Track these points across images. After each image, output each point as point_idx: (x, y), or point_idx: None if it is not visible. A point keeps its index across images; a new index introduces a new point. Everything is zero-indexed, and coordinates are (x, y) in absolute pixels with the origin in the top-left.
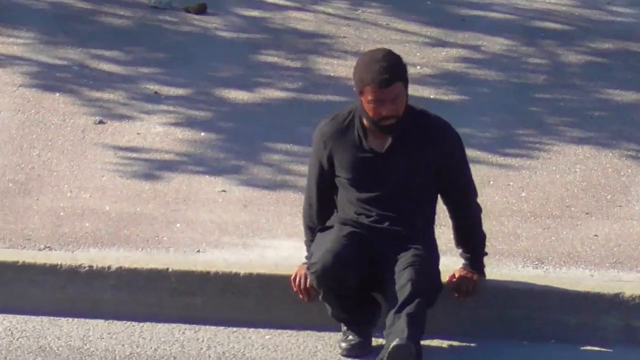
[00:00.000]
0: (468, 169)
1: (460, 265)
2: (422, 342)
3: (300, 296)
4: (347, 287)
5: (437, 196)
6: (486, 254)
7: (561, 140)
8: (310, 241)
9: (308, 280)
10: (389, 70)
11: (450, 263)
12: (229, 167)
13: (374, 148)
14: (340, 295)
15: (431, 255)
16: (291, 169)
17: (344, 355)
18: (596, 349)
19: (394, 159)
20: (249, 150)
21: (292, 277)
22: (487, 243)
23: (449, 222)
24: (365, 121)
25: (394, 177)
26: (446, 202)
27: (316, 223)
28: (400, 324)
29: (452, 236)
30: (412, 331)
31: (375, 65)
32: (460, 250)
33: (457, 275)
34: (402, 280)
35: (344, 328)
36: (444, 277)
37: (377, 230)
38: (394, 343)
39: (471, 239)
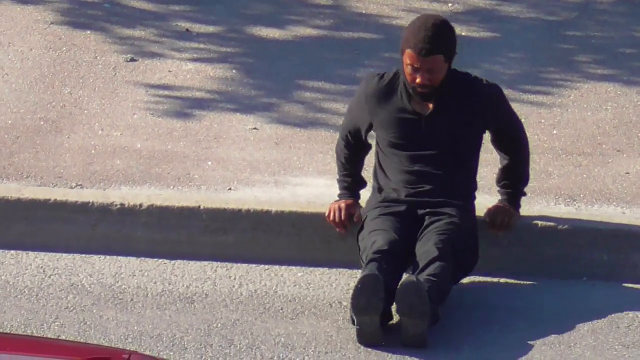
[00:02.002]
0: (515, 118)
1: (497, 201)
2: None
3: (337, 229)
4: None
5: (479, 157)
6: (525, 194)
7: (592, 78)
8: (343, 176)
9: (343, 212)
10: (433, 41)
11: (484, 201)
12: (261, 105)
13: (418, 110)
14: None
15: (467, 222)
16: (323, 107)
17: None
18: (628, 285)
19: (438, 122)
20: (280, 87)
21: (326, 215)
22: None
23: (486, 161)
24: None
25: (437, 139)
26: (498, 149)
27: (349, 162)
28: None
29: (486, 173)
30: (429, 285)
31: (422, 32)
32: (499, 187)
33: (493, 207)
34: (428, 245)
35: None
36: (480, 212)
37: (417, 203)
38: (404, 280)
39: (515, 179)
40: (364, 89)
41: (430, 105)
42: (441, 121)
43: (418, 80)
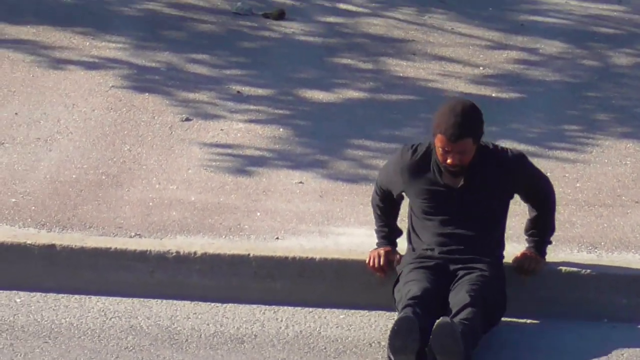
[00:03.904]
0: (542, 178)
1: (525, 248)
2: None
3: (378, 274)
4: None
5: (506, 218)
6: (551, 242)
7: (612, 135)
8: (380, 227)
9: (382, 258)
10: (463, 126)
11: (512, 249)
12: (306, 161)
13: (449, 184)
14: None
15: (497, 276)
16: (364, 163)
17: None
18: None
19: (468, 195)
20: (324, 145)
21: (366, 262)
22: None
23: (514, 212)
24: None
25: (468, 209)
26: (526, 203)
27: (384, 214)
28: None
29: (514, 223)
30: (462, 328)
31: (452, 117)
32: (527, 236)
33: (521, 254)
34: (461, 293)
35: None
36: (509, 259)
37: (449, 259)
38: (439, 321)
39: (542, 229)
40: (399, 161)
41: (461, 180)
42: (471, 194)
43: (449, 161)
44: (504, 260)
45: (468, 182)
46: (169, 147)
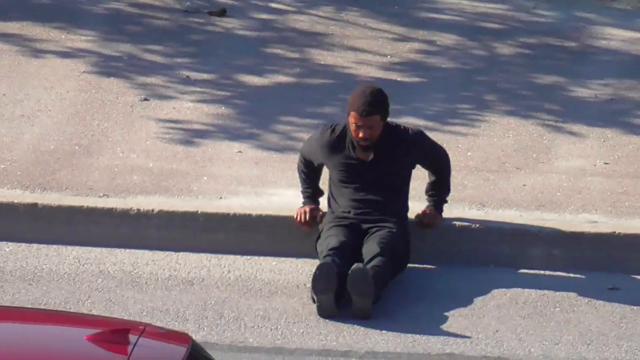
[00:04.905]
0: (438, 149)
1: (425, 206)
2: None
3: (304, 227)
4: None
5: (409, 185)
6: (447, 201)
7: (497, 112)
8: (305, 188)
9: (307, 214)
10: (372, 104)
11: (415, 207)
12: (244, 134)
13: (362, 158)
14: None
15: (403, 232)
16: (292, 136)
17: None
18: (524, 271)
19: (377, 166)
20: (259, 121)
21: (295, 217)
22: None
23: (417, 176)
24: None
25: (377, 178)
26: (427, 169)
27: (308, 177)
28: None
29: (417, 185)
30: (374, 272)
31: (362, 97)
32: (427, 196)
33: (422, 211)
34: (372, 246)
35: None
36: (412, 215)
37: (363, 220)
38: (353, 267)
39: (440, 190)
40: (320, 138)
41: (371, 154)
42: (380, 166)
43: (360, 135)
44: (409, 218)
45: (377, 156)
46: (130, 122)
